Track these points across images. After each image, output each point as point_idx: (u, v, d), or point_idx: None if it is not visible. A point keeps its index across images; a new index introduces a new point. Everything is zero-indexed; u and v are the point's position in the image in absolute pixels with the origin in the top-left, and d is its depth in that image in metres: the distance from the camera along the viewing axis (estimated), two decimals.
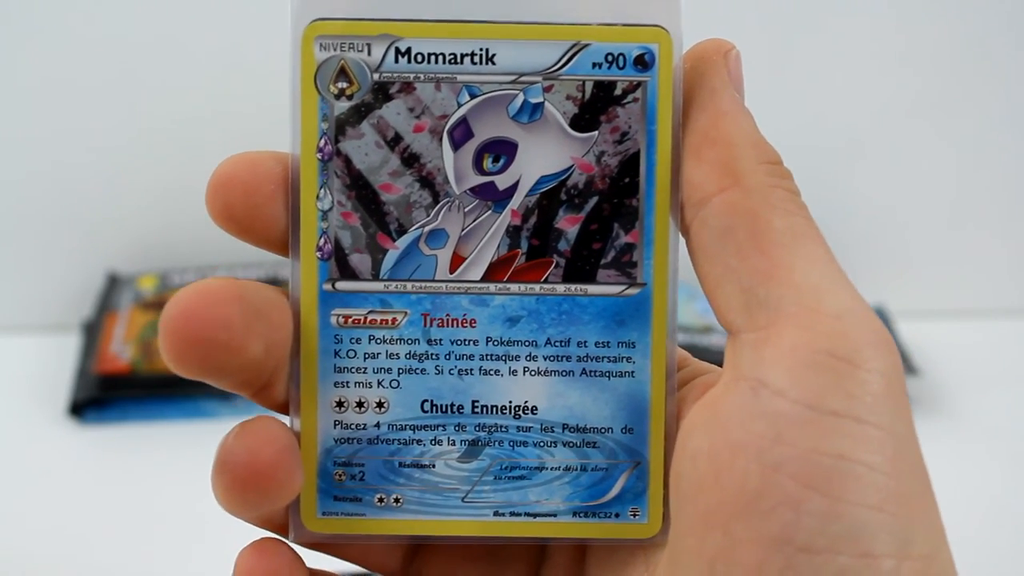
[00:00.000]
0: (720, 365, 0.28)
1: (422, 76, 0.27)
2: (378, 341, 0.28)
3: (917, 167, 0.83)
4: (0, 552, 0.62)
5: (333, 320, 0.28)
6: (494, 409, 0.28)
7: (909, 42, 0.80)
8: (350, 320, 0.28)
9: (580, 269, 0.28)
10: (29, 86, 0.79)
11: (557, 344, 0.28)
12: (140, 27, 0.78)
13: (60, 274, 0.84)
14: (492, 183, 0.28)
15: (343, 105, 0.27)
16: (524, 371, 0.28)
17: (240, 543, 0.28)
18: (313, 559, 0.29)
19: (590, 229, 0.27)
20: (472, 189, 0.28)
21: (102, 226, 0.83)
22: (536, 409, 0.28)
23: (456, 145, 0.27)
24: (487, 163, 0.27)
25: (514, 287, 0.28)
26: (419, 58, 0.27)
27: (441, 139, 0.27)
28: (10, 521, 0.64)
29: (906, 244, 0.84)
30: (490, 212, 0.28)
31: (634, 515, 0.28)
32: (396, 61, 0.27)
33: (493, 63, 0.27)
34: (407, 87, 0.27)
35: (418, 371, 0.28)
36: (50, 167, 0.82)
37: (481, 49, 0.27)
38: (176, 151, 0.81)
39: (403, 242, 0.28)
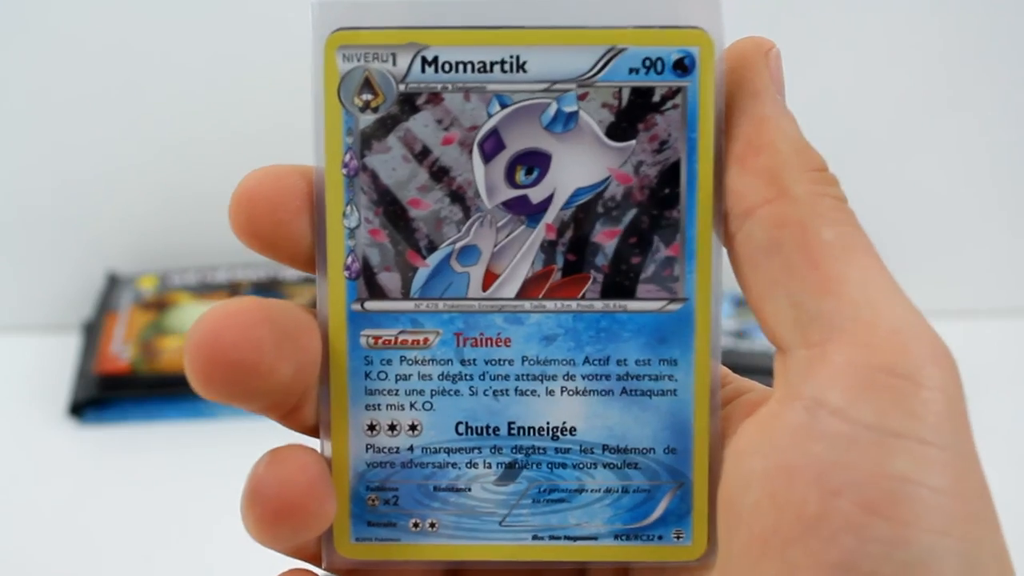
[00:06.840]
0: None
1: (450, 86, 0.26)
2: (410, 362, 0.27)
3: (917, 167, 0.83)
4: (0, 552, 0.62)
5: (363, 341, 0.27)
6: (531, 430, 0.27)
7: (910, 42, 0.80)
8: (380, 341, 0.27)
9: (619, 284, 0.26)
10: (30, 87, 0.79)
11: (596, 363, 0.27)
12: (141, 29, 0.78)
13: (60, 274, 0.84)
14: (525, 196, 0.26)
15: (368, 118, 0.26)
16: (562, 391, 0.27)
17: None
18: None
19: (629, 243, 0.26)
20: (504, 203, 0.26)
21: (102, 226, 0.84)
22: (575, 430, 0.27)
23: (487, 157, 0.26)
24: (520, 176, 0.26)
25: (550, 304, 0.27)
26: (447, 67, 0.26)
27: (471, 151, 0.26)
28: (10, 521, 0.64)
29: (906, 244, 0.83)
30: (524, 227, 0.26)
31: (678, 537, 0.27)
32: (423, 71, 0.26)
33: (524, 71, 0.26)
34: (435, 98, 0.26)
35: (452, 392, 0.27)
36: (50, 168, 0.81)
37: (511, 56, 0.26)
38: (176, 151, 0.82)
39: (434, 259, 0.26)
